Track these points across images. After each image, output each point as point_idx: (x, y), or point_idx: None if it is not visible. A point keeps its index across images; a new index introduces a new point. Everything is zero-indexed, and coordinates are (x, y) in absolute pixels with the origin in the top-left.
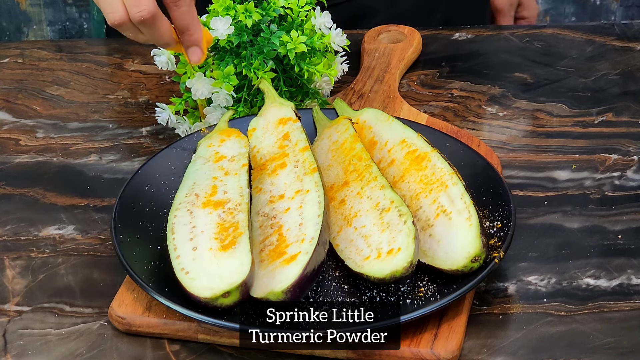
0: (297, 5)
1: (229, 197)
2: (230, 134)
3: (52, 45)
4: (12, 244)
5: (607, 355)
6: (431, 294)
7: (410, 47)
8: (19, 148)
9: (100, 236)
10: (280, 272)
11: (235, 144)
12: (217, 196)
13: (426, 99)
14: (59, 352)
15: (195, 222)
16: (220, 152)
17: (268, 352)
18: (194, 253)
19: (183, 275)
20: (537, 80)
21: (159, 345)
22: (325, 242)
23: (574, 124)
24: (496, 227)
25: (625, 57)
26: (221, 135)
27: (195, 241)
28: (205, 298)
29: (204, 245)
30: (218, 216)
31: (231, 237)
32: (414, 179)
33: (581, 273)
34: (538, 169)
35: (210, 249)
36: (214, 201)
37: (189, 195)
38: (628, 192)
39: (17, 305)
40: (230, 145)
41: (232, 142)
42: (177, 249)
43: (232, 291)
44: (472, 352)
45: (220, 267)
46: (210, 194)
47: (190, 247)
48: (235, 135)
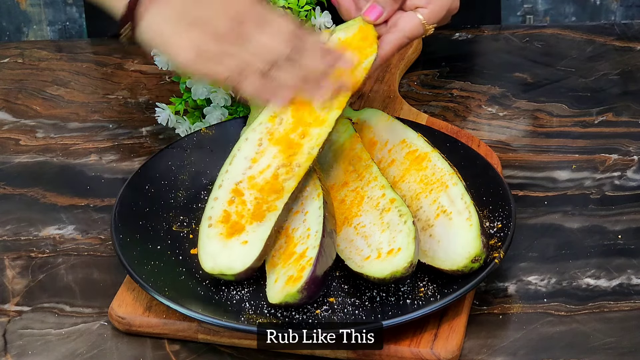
0: (297, 5)
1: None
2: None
3: (52, 45)
4: (12, 244)
5: (607, 355)
6: (431, 294)
7: (410, 47)
8: (19, 148)
9: (100, 236)
10: (292, 272)
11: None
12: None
13: (426, 99)
14: (59, 352)
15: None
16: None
17: (268, 352)
18: (228, 208)
19: (205, 227)
20: (537, 80)
21: (159, 345)
22: (332, 232)
23: (574, 124)
24: (496, 227)
25: (625, 57)
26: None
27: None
28: (206, 268)
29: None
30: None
31: (264, 209)
32: (414, 179)
33: (581, 273)
34: (538, 169)
35: (243, 216)
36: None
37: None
38: (628, 192)
39: (17, 305)
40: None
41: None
42: (221, 188)
43: (228, 276)
44: (472, 352)
45: (230, 248)
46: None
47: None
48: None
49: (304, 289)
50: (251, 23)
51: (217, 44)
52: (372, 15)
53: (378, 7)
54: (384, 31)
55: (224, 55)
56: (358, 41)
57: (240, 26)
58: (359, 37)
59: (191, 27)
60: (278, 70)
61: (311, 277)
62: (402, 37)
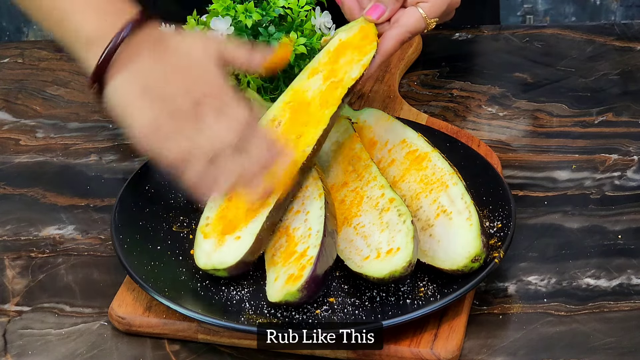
0: (297, 5)
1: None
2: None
3: (52, 45)
4: (12, 244)
5: (607, 355)
6: (431, 294)
7: (410, 47)
8: (19, 148)
9: (100, 236)
10: (292, 271)
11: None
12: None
13: (426, 99)
14: (59, 352)
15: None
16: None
17: (268, 352)
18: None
19: (202, 226)
20: (537, 80)
21: (159, 345)
22: (333, 233)
23: (574, 124)
24: (496, 227)
25: (625, 57)
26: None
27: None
28: (200, 264)
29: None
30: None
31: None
32: (414, 178)
33: (581, 273)
34: (538, 169)
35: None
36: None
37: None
38: (628, 192)
39: (17, 305)
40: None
41: None
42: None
43: (221, 271)
44: (472, 352)
45: (224, 244)
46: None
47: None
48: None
49: (304, 287)
50: (209, 107)
51: (171, 124)
52: (375, 14)
53: (381, 6)
54: (386, 28)
55: (175, 137)
56: (358, 40)
57: (198, 109)
58: (360, 37)
59: (153, 104)
60: (222, 159)
61: (311, 276)
62: (405, 32)
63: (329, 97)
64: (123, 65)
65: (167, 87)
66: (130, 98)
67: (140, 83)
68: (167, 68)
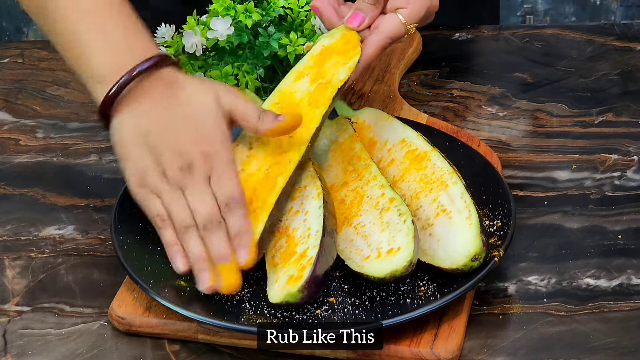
0: (297, 5)
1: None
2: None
3: (52, 46)
4: (12, 244)
5: (607, 355)
6: (431, 293)
7: (410, 47)
8: (19, 148)
9: (100, 236)
10: (292, 272)
11: None
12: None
13: (426, 99)
14: (59, 352)
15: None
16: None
17: (268, 352)
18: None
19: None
20: (537, 80)
21: (159, 345)
22: (332, 232)
23: (574, 124)
24: (496, 226)
25: (625, 57)
26: None
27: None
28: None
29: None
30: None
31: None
32: (413, 178)
33: (581, 273)
34: (538, 169)
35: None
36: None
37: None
38: (628, 192)
39: (17, 305)
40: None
41: None
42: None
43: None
44: (472, 352)
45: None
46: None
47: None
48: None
49: (305, 288)
50: (199, 173)
51: (156, 182)
52: (355, 22)
53: (360, 14)
54: (367, 35)
55: (155, 198)
56: (342, 45)
57: (187, 173)
58: (342, 42)
59: (148, 154)
60: (187, 236)
61: (311, 276)
62: (385, 38)
63: (319, 97)
64: (131, 102)
65: (166, 139)
66: (130, 139)
67: (143, 127)
68: (173, 118)
